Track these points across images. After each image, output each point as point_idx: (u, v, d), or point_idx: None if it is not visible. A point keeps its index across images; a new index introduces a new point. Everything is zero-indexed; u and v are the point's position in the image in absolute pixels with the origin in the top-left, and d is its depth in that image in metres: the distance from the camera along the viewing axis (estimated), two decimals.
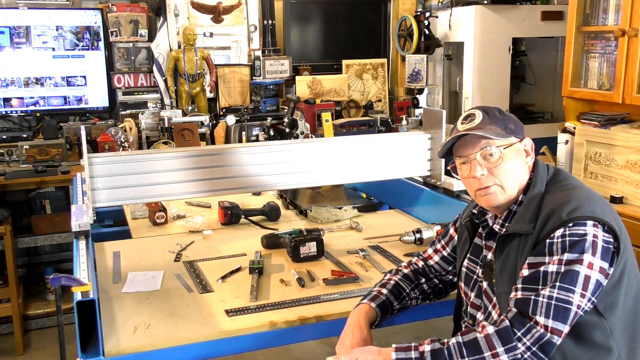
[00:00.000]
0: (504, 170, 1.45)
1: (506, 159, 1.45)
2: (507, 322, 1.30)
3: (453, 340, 1.33)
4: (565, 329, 1.28)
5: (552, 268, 1.32)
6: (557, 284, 1.29)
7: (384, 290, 1.66)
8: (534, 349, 1.27)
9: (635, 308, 1.40)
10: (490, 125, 1.46)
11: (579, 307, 1.29)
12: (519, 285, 1.35)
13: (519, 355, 1.28)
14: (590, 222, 1.33)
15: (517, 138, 1.47)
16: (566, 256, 1.31)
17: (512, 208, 1.49)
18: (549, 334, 1.27)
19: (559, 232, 1.34)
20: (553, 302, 1.28)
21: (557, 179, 1.48)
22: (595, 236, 1.32)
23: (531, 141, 1.50)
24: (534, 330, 1.28)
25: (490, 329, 1.31)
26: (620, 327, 1.37)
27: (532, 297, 1.30)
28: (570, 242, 1.32)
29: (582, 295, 1.29)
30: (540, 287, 1.31)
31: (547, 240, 1.34)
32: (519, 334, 1.29)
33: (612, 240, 1.34)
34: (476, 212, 1.57)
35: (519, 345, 1.28)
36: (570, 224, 1.33)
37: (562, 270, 1.30)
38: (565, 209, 1.35)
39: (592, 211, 1.34)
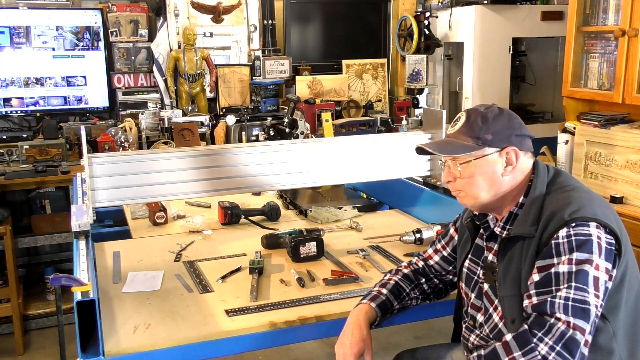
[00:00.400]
0: (467, 180, 1.48)
1: (468, 172, 1.47)
2: (525, 327, 1.29)
3: (474, 354, 1.34)
4: (587, 327, 1.25)
5: (563, 268, 1.30)
6: (573, 284, 1.28)
7: (384, 290, 1.66)
8: (558, 348, 1.23)
9: (635, 309, 1.40)
10: (463, 135, 1.47)
11: (595, 307, 1.27)
12: (532, 291, 1.33)
13: (540, 358, 1.24)
14: (593, 224, 1.33)
15: (494, 148, 1.45)
16: (576, 255, 1.30)
17: (513, 210, 1.48)
18: (571, 330, 1.24)
19: (563, 232, 1.33)
20: (570, 302, 1.27)
21: (558, 180, 1.47)
22: (599, 238, 1.32)
23: (515, 150, 1.46)
24: (554, 328, 1.25)
25: (509, 337, 1.30)
26: (622, 329, 1.37)
27: (549, 298, 1.29)
28: (577, 241, 1.31)
29: (596, 296, 1.28)
30: (554, 288, 1.30)
31: (552, 241, 1.34)
32: (539, 334, 1.26)
33: (614, 242, 1.34)
34: (477, 213, 1.58)
35: (541, 346, 1.24)
36: (573, 224, 1.33)
37: (574, 269, 1.29)
38: (567, 210, 1.35)
39: (594, 213, 1.34)
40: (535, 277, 1.35)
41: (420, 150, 1.60)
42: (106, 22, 3.99)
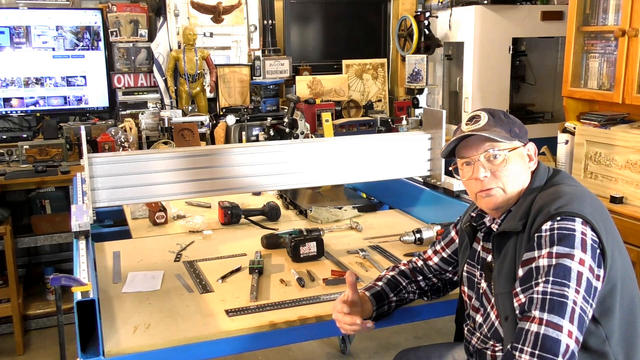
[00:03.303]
0: (507, 173, 1.45)
1: (510, 162, 1.45)
2: (509, 345, 1.28)
3: None
4: (565, 324, 1.22)
5: (542, 262, 1.29)
6: (550, 278, 1.26)
7: (379, 282, 1.69)
8: (537, 352, 1.21)
9: (631, 312, 1.39)
10: (495, 127, 1.46)
11: (574, 302, 1.24)
12: (518, 289, 1.33)
13: None
14: (579, 220, 1.31)
15: (521, 142, 1.48)
16: (556, 249, 1.29)
17: (512, 209, 1.48)
18: (543, 328, 1.22)
19: (546, 226, 1.32)
20: (548, 297, 1.25)
21: (554, 179, 1.48)
22: (583, 234, 1.30)
23: (534, 146, 1.50)
24: (529, 333, 1.24)
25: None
26: (617, 333, 1.35)
27: (529, 296, 1.29)
28: (559, 235, 1.30)
29: (577, 291, 1.25)
30: (533, 282, 1.29)
31: (536, 234, 1.34)
32: (519, 345, 1.25)
33: (598, 241, 1.32)
34: (474, 215, 1.57)
35: (523, 356, 1.23)
36: (558, 218, 1.32)
37: (554, 263, 1.28)
38: (555, 204, 1.35)
39: (581, 210, 1.33)
40: (520, 272, 1.34)
41: (452, 148, 1.52)
42: (106, 22, 3.99)
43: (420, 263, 1.76)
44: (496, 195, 1.46)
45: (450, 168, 1.60)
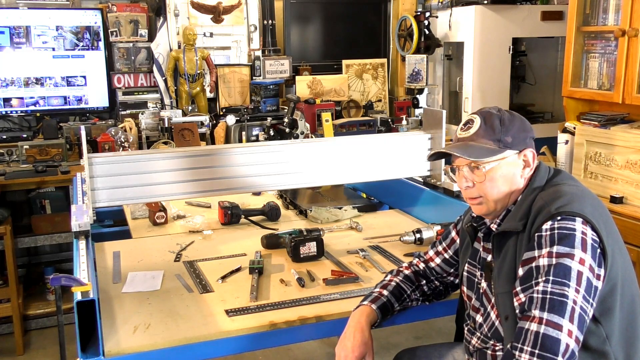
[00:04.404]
0: (489, 185, 1.45)
1: (491, 176, 1.45)
2: (509, 345, 1.28)
3: None
4: (565, 323, 1.22)
5: (543, 262, 1.30)
6: (550, 277, 1.27)
7: (385, 292, 1.66)
8: (537, 351, 1.22)
9: (632, 312, 1.39)
10: (483, 138, 1.46)
11: (574, 302, 1.24)
12: (518, 288, 1.33)
13: None
14: (579, 219, 1.32)
15: (513, 150, 1.46)
16: (556, 249, 1.29)
17: (510, 208, 1.48)
18: (543, 327, 1.23)
19: (547, 225, 1.33)
20: (548, 296, 1.25)
21: (554, 179, 1.47)
22: (584, 233, 1.30)
23: (533, 152, 1.48)
24: (528, 332, 1.24)
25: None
26: (617, 332, 1.35)
27: (529, 295, 1.29)
28: (559, 235, 1.30)
29: (577, 291, 1.25)
30: (534, 282, 1.29)
31: (536, 234, 1.34)
32: (519, 344, 1.25)
33: (599, 241, 1.32)
34: (475, 215, 1.58)
35: (523, 356, 1.23)
36: (559, 217, 1.32)
37: (554, 262, 1.28)
38: (555, 204, 1.35)
39: (581, 209, 1.33)
40: (520, 271, 1.35)
41: (436, 156, 1.57)
42: (106, 22, 3.99)
43: (422, 265, 1.75)
44: (482, 204, 1.48)
45: (445, 168, 1.61)
